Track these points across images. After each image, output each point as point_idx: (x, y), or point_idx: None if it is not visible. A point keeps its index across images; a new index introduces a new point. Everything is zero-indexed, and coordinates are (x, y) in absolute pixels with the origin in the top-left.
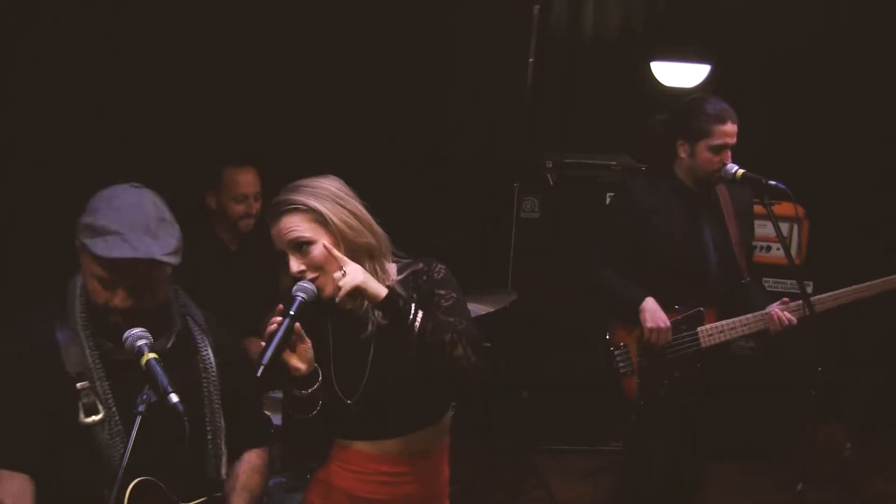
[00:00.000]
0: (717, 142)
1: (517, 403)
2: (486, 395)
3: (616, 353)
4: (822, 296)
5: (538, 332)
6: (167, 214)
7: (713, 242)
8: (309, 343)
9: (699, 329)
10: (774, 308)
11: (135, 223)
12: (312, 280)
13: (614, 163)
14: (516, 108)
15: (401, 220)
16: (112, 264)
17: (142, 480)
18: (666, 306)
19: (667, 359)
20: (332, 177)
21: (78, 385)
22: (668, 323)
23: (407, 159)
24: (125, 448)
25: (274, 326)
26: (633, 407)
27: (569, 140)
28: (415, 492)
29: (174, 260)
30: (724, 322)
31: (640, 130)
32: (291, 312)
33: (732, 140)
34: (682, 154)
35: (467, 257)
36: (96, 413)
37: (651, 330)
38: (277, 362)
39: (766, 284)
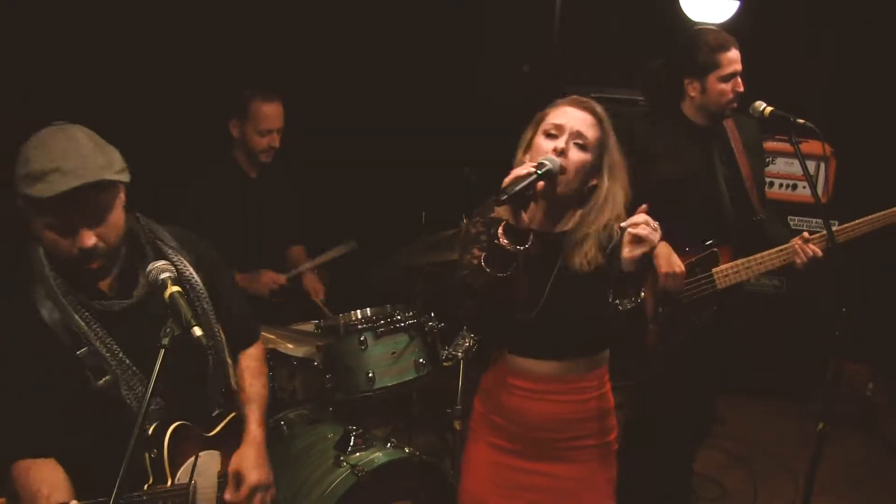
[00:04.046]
0: (727, 71)
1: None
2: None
3: None
4: (843, 226)
5: None
6: (101, 140)
7: (726, 179)
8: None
9: (714, 270)
10: (797, 241)
11: (69, 154)
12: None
13: (641, 98)
14: (544, 43)
15: (435, 154)
16: (61, 202)
17: (179, 425)
18: (681, 249)
19: (683, 304)
20: None
21: (78, 353)
22: (683, 267)
23: (436, 92)
24: (147, 390)
25: (524, 171)
26: (653, 354)
27: (595, 75)
28: (568, 412)
29: (123, 177)
30: (739, 261)
31: (640, 76)
32: (539, 172)
33: (740, 67)
34: (693, 93)
35: (494, 191)
36: (105, 374)
37: (666, 275)
38: (514, 201)
39: (791, 223)
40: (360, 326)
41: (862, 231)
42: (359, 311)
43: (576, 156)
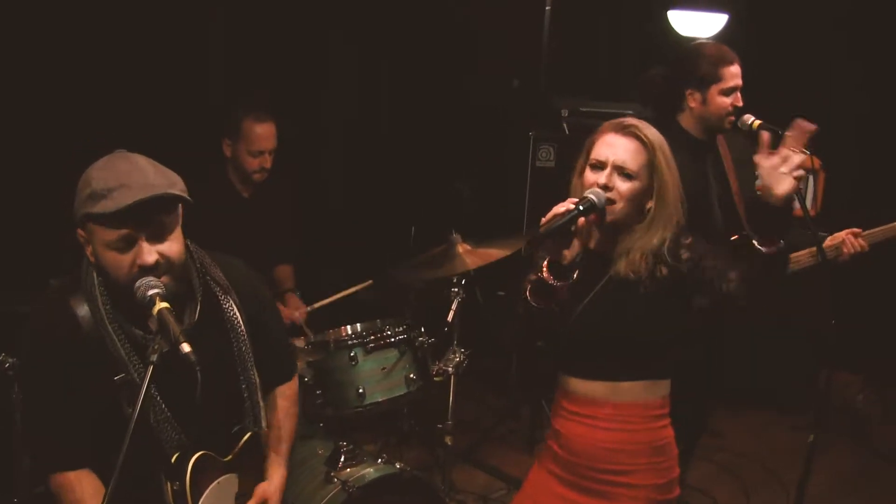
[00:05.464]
0: (729, 84)
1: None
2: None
3: None
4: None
5: None
6: (160, 165)
7: (717, 195)
8: (580, 242)
9: None
10: (845, 234)
11: (133, 173)
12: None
13: (630, 112)
14: (533, 57)
15: (424, 169)
16: (126, 216)
17: (200, 456)
18: None
19: None
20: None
21: (115, 378)
22: None
23: (428, 108)
24: (136, 402)
25: (562, 209)
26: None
27: (585, 88)
28: (615, 440)
29: (185, 195)
30: None
31: (639, 84)
32: (581, 208)
33: (741, 83)
34: (693, 104)
35: (485, 205)
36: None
37: None
38: (546, 240)
39: None
40: (350, 342)
41: (878, 238)
42: (349, 327)
43: (622, 186)
